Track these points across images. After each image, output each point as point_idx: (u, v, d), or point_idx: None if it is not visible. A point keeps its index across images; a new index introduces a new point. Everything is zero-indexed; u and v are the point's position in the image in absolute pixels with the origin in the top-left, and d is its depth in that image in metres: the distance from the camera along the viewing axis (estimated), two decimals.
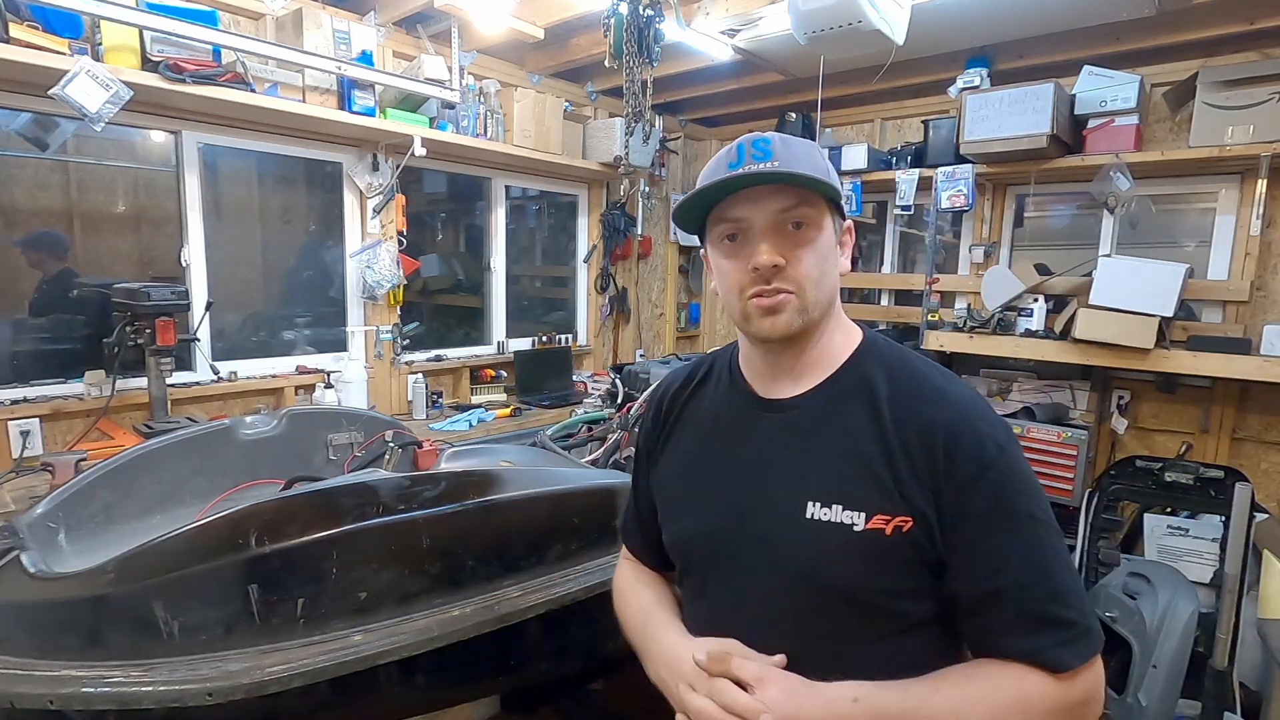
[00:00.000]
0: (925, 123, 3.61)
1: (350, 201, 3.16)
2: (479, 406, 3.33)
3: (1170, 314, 2.79)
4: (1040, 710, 0.75)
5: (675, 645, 0.89)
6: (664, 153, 4.36)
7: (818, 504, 0.81)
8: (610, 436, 2.19)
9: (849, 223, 0.89)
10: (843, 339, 0.90)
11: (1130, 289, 2.84)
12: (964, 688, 0.76)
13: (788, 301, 0.83)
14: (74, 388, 2.45)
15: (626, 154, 3.59)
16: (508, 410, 3.29)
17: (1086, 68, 3.07)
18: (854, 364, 0.87)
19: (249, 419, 1.95)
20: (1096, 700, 0.78)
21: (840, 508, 0.80)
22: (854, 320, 0.94)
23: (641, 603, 1.01)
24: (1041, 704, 0.75)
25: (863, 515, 0.79)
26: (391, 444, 2.05)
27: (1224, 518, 2.63)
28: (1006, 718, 0.75)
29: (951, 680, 0.77)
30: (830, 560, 0.80)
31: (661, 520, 1.00)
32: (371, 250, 3.11)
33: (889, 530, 0.78)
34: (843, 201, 0.86)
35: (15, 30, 2.04)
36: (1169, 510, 2.96)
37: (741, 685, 0.77)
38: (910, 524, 0.78)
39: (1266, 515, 2.59)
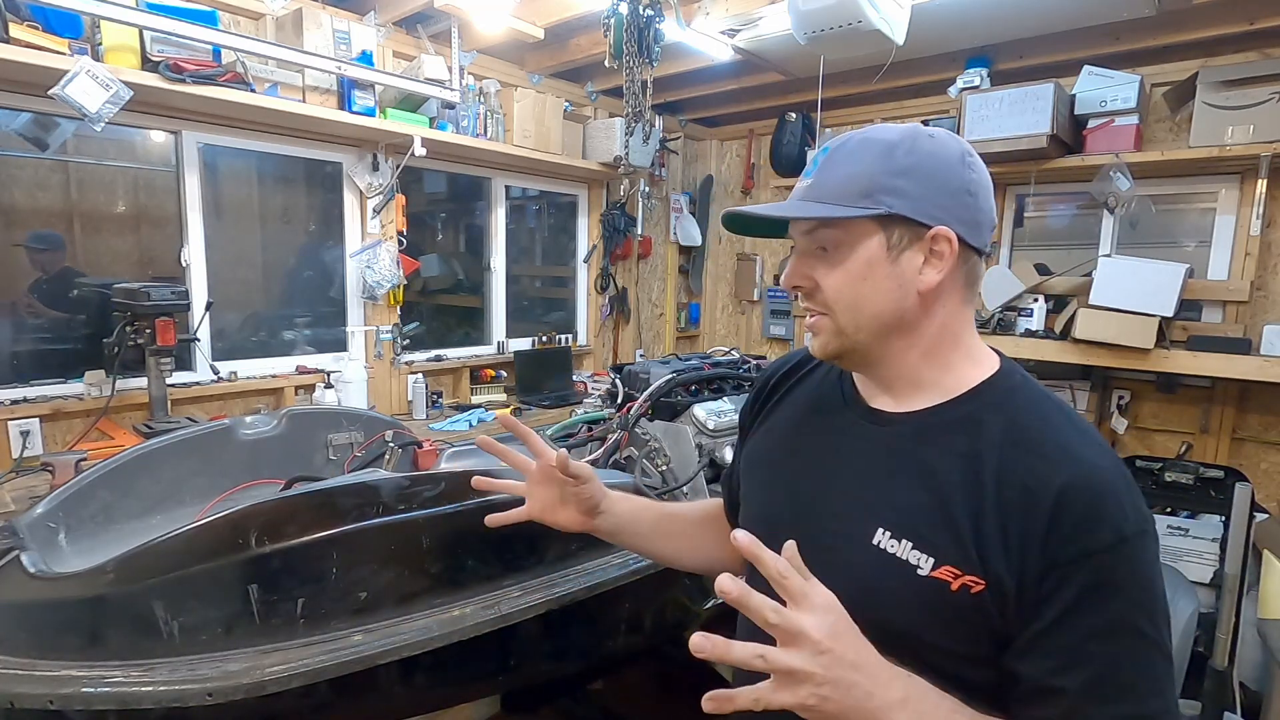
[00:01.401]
0: (925, 122, 3.60)
1: (350, 201, 3.16)
2: (479, 406, 3.33)
3: (1170, 314, 2.80)
4: None
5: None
6: (664, 153, 4.37)
7: (888, 533, 0.75)
8: (610, 436, 2.19)
9: (937, 230, 0.74)
10: (968, 367, 0.80)
11: (1130, 289, 2.85)
12: None
13: (822, 323, 0.80)
14: (74, 388, 2.45)
15: (626, 154, 3.59)
16: (508, 410, 3.29)
17: (1086, 68, 3.08)
18: (970, 398, 0.78)
19: (249, 419, 1.95)
20: None
21: (910, 545, 0.73)
22: (995, 350, 0.84)
23: (660, 506, 1.14)
24: None
25: (930, 560, 0.71)
26: (391, 444, 2.05)
27: (1224, 518, 2.63)
28: None
29: None
30: (886, 595, 0.73)
31: (742, 489, 0.99)
32: (371, 250, 3.12)
33: (955, 586, 0.70)
34: (909, 211, 0.74)
35: (15, 30, 2.05)
36: (1169, 510, 2.96)
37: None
38: (982, 587, 0.69)
39: (1266, 515, 2.59)
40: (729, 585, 0.60)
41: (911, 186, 0.74)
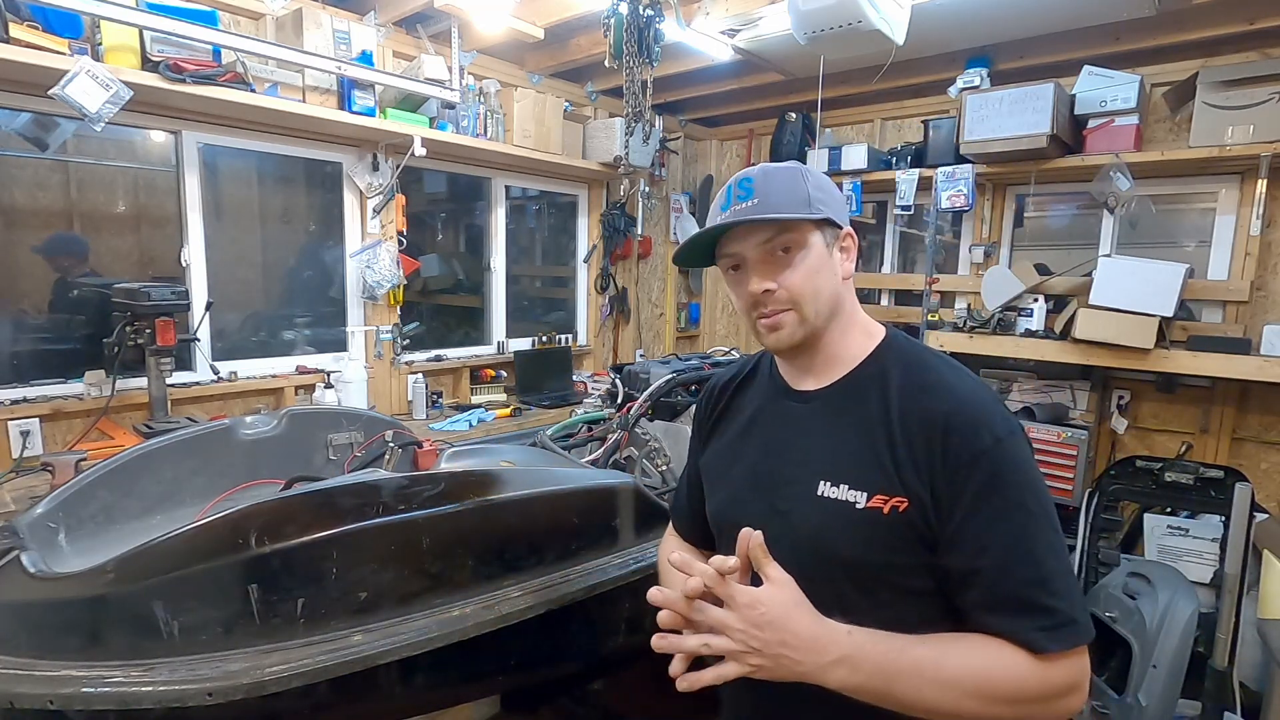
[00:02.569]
0: (925, 123, 3.61)
1: (350, 201, 3.16)
2: (479, 406, 3.34)
3: (1170, 314, 2.80)
4: (1020, 682, 0.79)
5: None
6: (664, 153, 4.36)
7: (828, 483, 0.90)
8: (610, 436, 2.19)
9: (847, 230, 0.97)
10: (863, 338, 0.98)
11: (1130, 289, 2.85)
12: (951, 643, 0.82)
13: (786, 318, 0.93)
14: (74, 388, 2.45)
15: (626, 154, 3.59)
16: (508, 410, 3.30)
17: (1086, 68, 3.08)
18: (872, 360, 0.96)
19: (249, 419, 1.95)
20: (1080, 690, 0.81)
21: (846, 487, 0.89)
22: (879, 320, 1.02)
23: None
24: (1021, 676, 0.79)
25: (864, 494, 0.87)
26: (391, 444, 2.05)
27: (1224, 518, 2.63)
28: (987, 677, 0.79)
29: (941, 636, 0.83)
30: (835, 533, 0.89)
31: (706, 495, 1.10)
32: (371, 250, 3.12)
33: (886, 509, 0.85)
34: (833, 215, 0.93)
35: (15, 30, 2.05)
36: (1169, 510, 2.96)
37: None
38: (906, 504, 0.85)
39: (1266, 515, 2.59)
40: (660, 644, 0.82)
41: (827, 199, 0.94)
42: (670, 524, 1.23)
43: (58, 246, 2.48)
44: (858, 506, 0.87)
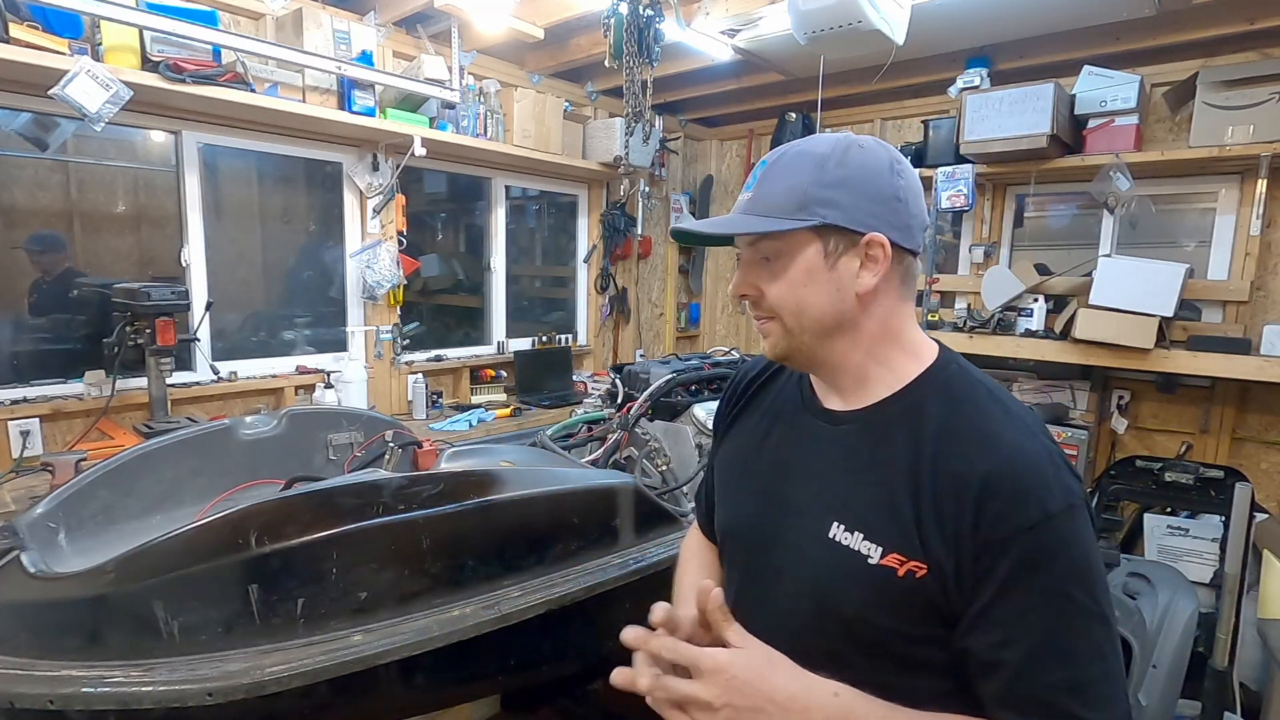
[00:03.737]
0: (925, 123, 3.61)
1: (350, 201, 3.15)
2: (479, 406, 3.33)
3: (1170, 314, 2.80)
4: None
5: None
6: (664, 153, 4.36)
7: (842, 526, 0.79)
8: (610, 436, 2.19)
9: (870, 237, 0.79)
10: (907, 361, 0.84)
11: (1130, 289, 2.85)
12: None
13: (771, 327, 0.85)
14: (74, 388, 2.44)
15: (626, 154, 3.59)
16: (508, 410, 3.29)
17: (1086, 68, 3.08)
18: (911, 390, 0.82)
19: (249, 419, 1.95)
20: None
21: (861, 536, 0.77)
22: (935, 340, 0.88)
23: (695, 579, 1.02)
24: None
25: (879, 550, 0.75)
26: (391, 444, 2.05)
27: (1224, 518, 2.63)
28: None
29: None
30: (840, 583, 0.78)
31: (716, 501, 1.03)
32: (371, 250, 3.12)
33: (901, 572, 0.74)
34: (841, 220, 0.79)
35: (15, 30, 2.04)
36: (1169, 510, 2.96)
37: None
38: (924, 571, 0.73)
39: (1266, 515, 2.59)
40: (619, 681, 0.77)
41: (843, 197, 0.78)
42: (695, 518, 1.17)
43: (34, 244, 2.46)
44: (870, 561, 0.75)
